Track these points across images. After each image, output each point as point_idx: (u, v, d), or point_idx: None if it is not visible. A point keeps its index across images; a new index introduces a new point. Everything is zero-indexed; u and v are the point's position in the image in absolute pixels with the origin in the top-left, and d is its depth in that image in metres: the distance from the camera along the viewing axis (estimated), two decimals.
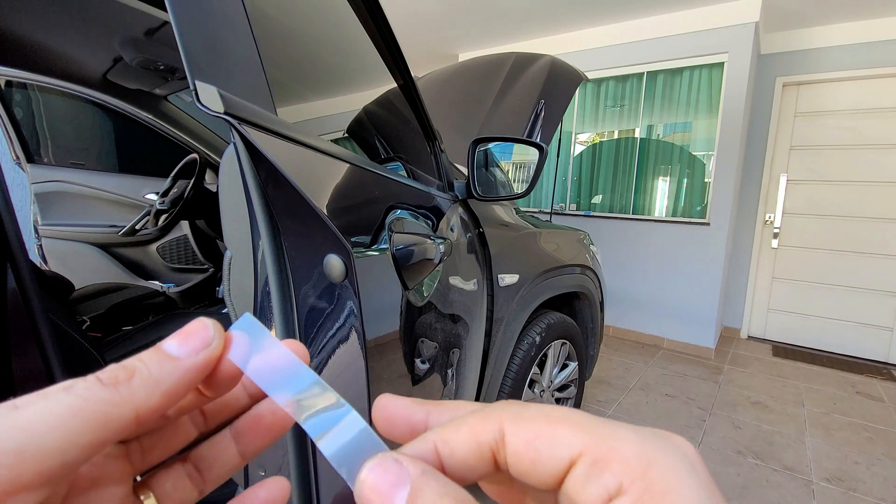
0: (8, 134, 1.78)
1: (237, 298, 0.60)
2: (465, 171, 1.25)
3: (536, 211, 4.09)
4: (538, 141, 1.63)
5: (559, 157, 3.82)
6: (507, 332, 1.40)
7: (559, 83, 1.89)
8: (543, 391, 1.73)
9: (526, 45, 4.04)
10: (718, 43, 3.22)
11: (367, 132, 1.20)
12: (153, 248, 2.01)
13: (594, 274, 1.98)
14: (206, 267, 2.04)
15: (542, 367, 1.71)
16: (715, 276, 3.36)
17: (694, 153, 3.51)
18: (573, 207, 4.03)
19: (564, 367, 1.90)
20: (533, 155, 1.35)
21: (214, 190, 1.84)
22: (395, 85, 1.06)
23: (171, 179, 1.82)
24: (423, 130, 1.17)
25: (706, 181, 3.45)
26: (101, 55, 1.47)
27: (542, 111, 1.76)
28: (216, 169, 1.90)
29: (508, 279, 1.37)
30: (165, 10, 0.44)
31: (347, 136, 1.14)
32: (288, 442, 0.49)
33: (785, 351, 3.62)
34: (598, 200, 3.92)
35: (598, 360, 2.28)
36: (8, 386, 0.67)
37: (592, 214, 3.87)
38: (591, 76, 3.66)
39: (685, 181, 3.56)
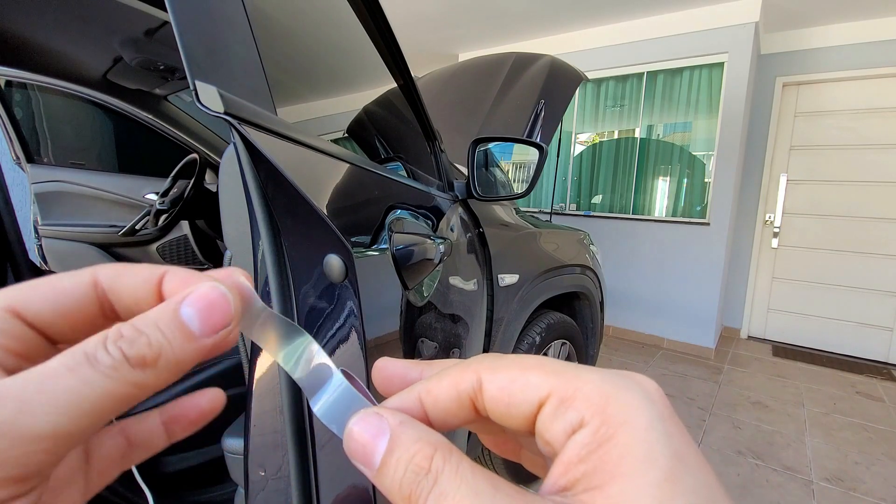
0: (8, 134, 1.79)
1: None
2: (465, 171, 1.25)
3: (536, 211, 4.09)
4: (538, 141, 1.63)
5: (559, 157, 3.82)
6: (507, 332, 1.40)
7: (559, 83, 1.89)
8: None
9: (526, 45, 4.04)
10: (718, 43, 3.23)
11: (367, 132, 1.20)
12: (153, 248, 2.01)
13: (594, 274, 1.98)
14: (206, 267, 2.04)
15: None
16: (715, 276, 3.36)
17: (694, 153, 3.51)
18: (573, 207, 4.03)
19: None
20: (533, 155, 1.35)
21: (214, 190, 1.84)
22: (395, 85, 1.06)
23: (171, 179, 1.82)
24: (423, 130, 1.17)
25: (706, 181, 3.45)
26: (101, 55, 1.47)
27: (542, 111, 1.76)
28: (216, 169, 1.90)
29: (508, 279, 1.37)
30: (165, 10, 0.44)
31: (347, 136, 1.14)
32: (288, 442, 0.49)
33: (785, 351, 3.62)
34: (598, 200, 3.92)
35: (598, 360, 2.28)
36: None
37: (592, 214, 3.87)
38: (591, 76, 3.66)
39: (685, 181, 3.56)
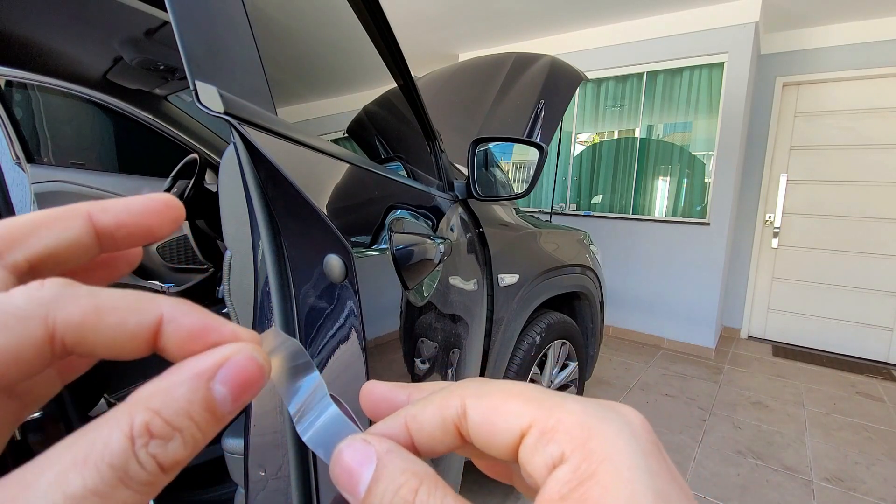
0: (8, 134, 1.78)
1: (237, 298, 0.60)
2: (465, 171, 1.25)
3: (536, 211, 4.09)
4: (538, 141, 1.63)
5: (559, 157, 3.82)
6: (507, 332, 1.40)
7: (559, 83, 1.89)
8: None
9: (526, 45, 4.04)
10: (718, 43, 3.23)
11: (367, 132, 1.20)
12: (153, 248, 2.01)
13: (594, 274, 1.98)
14: (206, 267, 2.04)
15: (542, 367, 1.71)
16: (715, 276, 3.36)
17: (694, 153, 3.51)
18: (573, 207, 4.03)
19: (564, 367, 1.90)
20: (533, 155, 1.35)
21: (214, 190, 1.84)
22: (395, 85, 1.06)
23: (171, 179, 1.82)
24: (423, 130, 1.17)
25: (706, 181, 3.45)
26: (101, 55, 1.47)
27: (542, 111, 1.76)
28: (216, 169, 1.90)
29: (508, 279, 1.37)
30: (165, 10, 0.44)
31: (347, 136, 1.14)
32: (288, 442, 0.49)
33: (785, 351, 3.62)
34: (598, 200, 3.92)
35: (598, 360, 2.28)
36: None
37: (592, 214, 3.87)
38: (591, 76, 3.66)
39: (685, 181, 3.56)
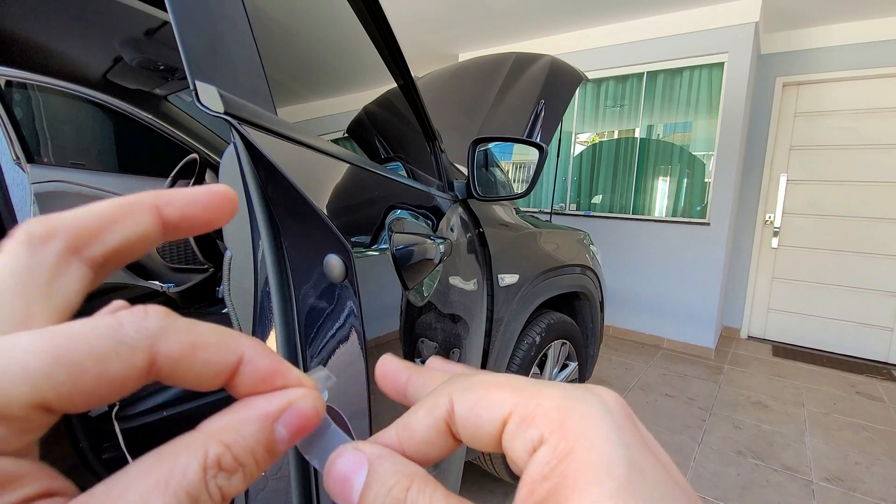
0: (8, 134, 1.78)
1: (237, 298, 0.60)
2: (465, 171, 1.25)
3: (536, 211, 4.09)
4: (538, 141, 1.63)
5: (559, 157, 3.82)
6: (507, 332, 1.40)
7: (559, 83, 1.89)
8: None
9: (526, 45, 4.04)
10: (718, 43, 3.23)
11: (367, 132, 1.20)
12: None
13: (594, 274, 1.98)
14: (206, 267, 2.04)
15: (542, 367, 1.71)
16: (715, 276, 3.36)
17: (694, 153, 3.51)
18: (573, 207, 4.03)
19: (564, 367, 1.90)
20: (533, 155, 1.35)
21: None
22: (395, 85, 1.06)
23: (171, 179, 1.82)
24: (423, 130, 1.17)
25: (706, 181, 3.45)
26: (101, 55, 1.47)
27: (542, 111, 1.76)
28: (216, 169, 1.90)
29: (508, 279, 1.37)
30: (165, 10, 0.44)
31: (347, 136, 1.14)
32: None
33: (785, 351, 3.62)
34: (598, 200, 3.92)
35: (598, 360, 2.28)
36: None
37: (592, 214, 3.87)
38: (591, 76, 3.66)
39: (685, 181, 3.56)
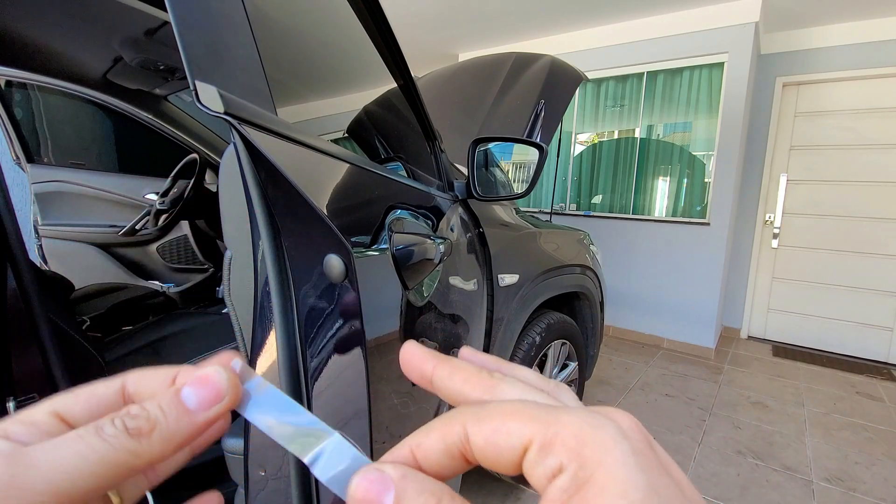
0: (8, 134, 1.78)
1: (237, 298, 0.60)
2: (465, 171, 1.25)
3: (536, 211, 4.09)
4: (538, 141, 1.63)
5: (559, 157, 3.82)
6: (507, 332, 1.40)
7: (559, 83, 1.89)
8: None
9: (526, 45, 4.04)
10: (718, 43, 3.22)
11: (367, 132, 1.20)
12: (153, 248, 2.02)
13: (594, 274, 1.98)
14: (206, 267, 2.04)
15: (542, 367, 1.71)
16: (715, 276, 3.36)
17: (694, 153, 3.51)
18: (573, 207, 4.03)
19: (564, 367, 1.90)
20: (533, 155, 1.35)
21: (214, 190, 1.84)
22: (395, 85, 1.06)
23: (171, 179, 1.82)
24: (423, 130, 1.17)
25: (706, 181, 3.45)
26: (101, 55, 1.47)
27: (542, 111, 1.76)
28: (216, 169, 1.90)
29: (508, 279, 1.37)
30: (165, 10, 0.44)
31: (347, 136, 1.14)
32: None
33: (785, 351, 3.62)
34: (598, 200, 3.92)
35: (598, 360, 2.28)
36: (8, 386, 0.67)
37: (592, 214, 3.87)
38: (591, 76, 3.66)
39: (685, 181, 3.56)
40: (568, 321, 1.78)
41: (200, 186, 1.78)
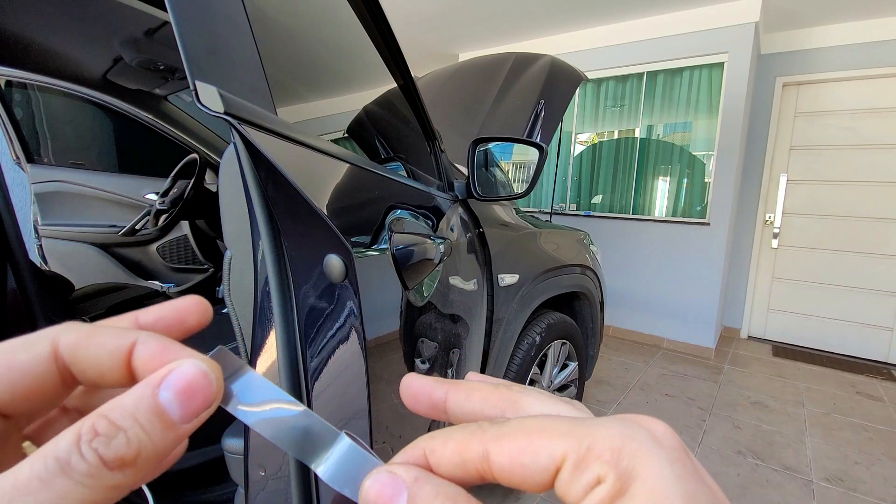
0: (8, 134, 1.78)
1: (237, 298, 0.60)
2: (465, 171, 1.25)
3: (536, 211, 4.09)
4: (538, 141, 1.63)
5: (559, 157, 3.82)
6: (507, 332, 1.40)
7: (559, 83, 1.89)
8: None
9: (526, 45, 4.04)
10: (718, 43, 3.23)
11: (367, 132, 1.20)
12: (153, 248, 2.01)
13: (594, 274, 1.98)
14: (206, 267, 2.04)
15: (542, 367, 1.71)
16: (715, 276, 3.36)
17: (694, 153, 3.51)
18: (573, 207, 4.03)
19: (564, 367, 1.90)
20: (533, 155, 1.35)
21: (214, 190, 1.84)
22: (395, 85, 1.06)
23: (171, 179, 1.82)
24: (423, 130, 1.17)
25: (706, 181, 3.45)
26: (101, 55, 1.47)
27: (542, 111, 1.76)
28: (216, 169, 1.90)
29: (508, 279, 1.37)
30: (165, 10, 0.44)
31: (347, 136, 1.14)
32: None
33: (785, 351, 3.62)
34: (598, 200, 3.92)
35: (598, 360, 2.28)
36: None
37: (592, 214, 3.87)
38: (591, 76, 3.66)
39: (685, 181, 3.56)
40: (568, 321, 1.78)
41: (200, 186, 1.78)
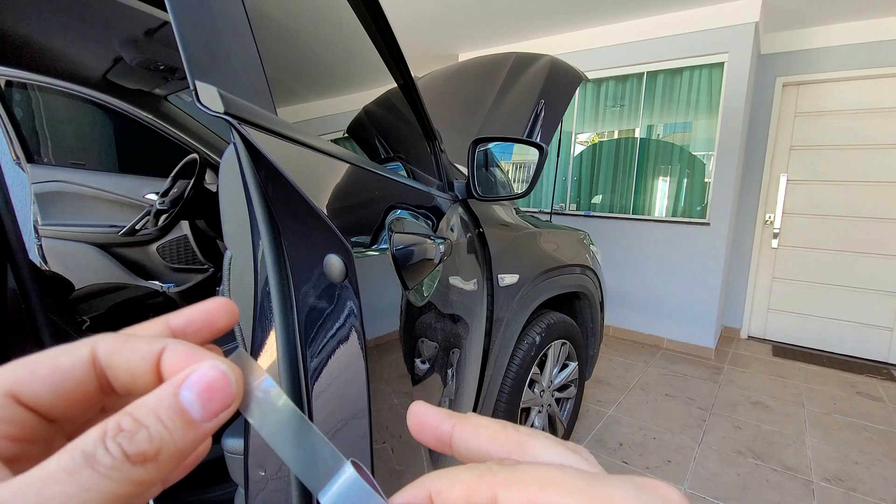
0: (8, 134, 1.78)
1: (237, 298, 0.60)
2: (465, 171, 1.25)
3: (536, 211, 4.09)
4: (538, 141, 1.63)
5: (559, 157, 3.82)
6: (507, 332, 1.40)
7: (559, 83, 1.89)
8: (543, 391, 1.73)
9: (526, 45, 4.04)
10: (718, 43, 3.23)
11: (367, 132, 1.20)
12: (153, 248, 2.01)
13: (594, 274, 1.98)
14: (206, 267, 2.04)
15: (542, 367, 1.71)
16: (715, 276, 3.36)
17: (694, 153, 3.51)
18: (573, 207, 4.03)
19: (564, 367, 1.90)
20: (533, 155, 1.35)
21: (214, 190, 1.84)
22: (395, 85, 1.06)
23: (171, 179, 1.83)
24: (423, 130, 1.17)
25: (706, 181, 3.45)
26: (101, 55, 1.47)
27: (542, 111, 1.76)
28: (216, 169, 1.90)
29: (508, 279, 1.37)
30: (165, 10, 0.44)
31: (347, 136, 1.14)
32: None
33: (785, 351, 3.62)
34: (598, 200, 3.92)
35: (598, 360, 2.28)
36: None
37: (592, 214, 3.87)
38: (591, 76, 3.66)
39: (685, 181, 3.56)
40: (568, 321, 1.78)
41: (200, 186, 1.78)
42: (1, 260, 0.65)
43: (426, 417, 0.18)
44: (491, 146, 1.42)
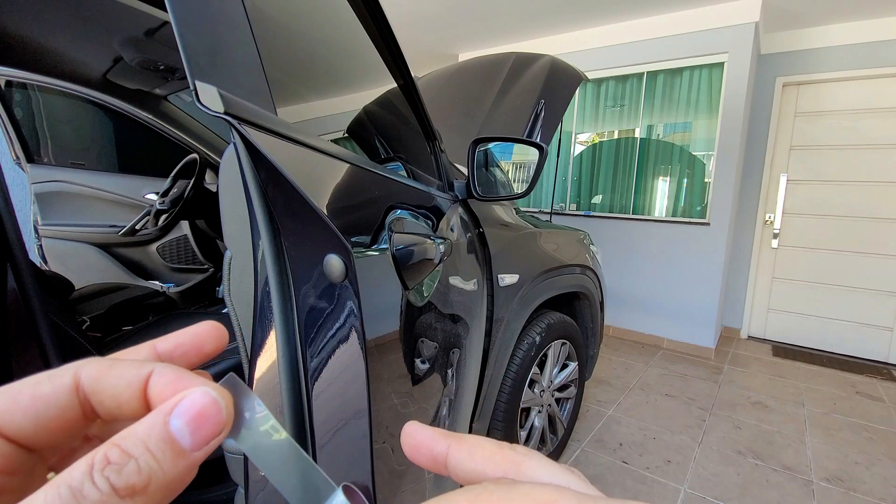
0: (8, 134, 1.78)
1: (237, 298, 0.60)
2: (465, 171, 1.25)
3: (536, 211, 4.09)
4: (538, 141, 1.63)
5: (559, 157, 3.82)
6: (507, 332, 1.40)
7: (559, 83, 1.89)
8: (543, 391, 1.73)
9: (526, 45, 4.04)
10: (718, 43, 3.23)
11: (367, 132, 1.20)
12: (153, 248, 2.02)
13: (594, 274, 1.98)
14: (206, 267, 2.04)
15: (542, 367, 1.71)
16: (715, 276, 3.36)
17: (694, 153, 3.51)
18: (573, 207, 4.03)
19: (564, 367, 1.90)
20: (533, 155, 1.35)
21: (214, 190, 1.84)
22: (395, 85, 1.06)
23: (171, 179, 1.83)
24: (423, 130, 1.17)
25: (706, 181, 3.45)
26: (101, 55, 1.47)
27: (542, 111, 1.76)
28: (216, 169, 1.90)
29: (508, 279, 1.37)
30: (165, 10, 0.44)
31: (347, 136, 1.14)
32: None
33: (785, 351, 3.62)
34: (598, 200, 3.92)
35: (598, 360, 2.28)
36: None
37: (592, 214, 3.87)
38: (591, 76, 3.66)
39: (685, 181, 3.56)
40: (568, 321, 1.78)
41: (200, 186, 1.78)
42: (1, 260, 0.65)
43: (421, 439, 0.18)
44: (491, 146, 1.42)
